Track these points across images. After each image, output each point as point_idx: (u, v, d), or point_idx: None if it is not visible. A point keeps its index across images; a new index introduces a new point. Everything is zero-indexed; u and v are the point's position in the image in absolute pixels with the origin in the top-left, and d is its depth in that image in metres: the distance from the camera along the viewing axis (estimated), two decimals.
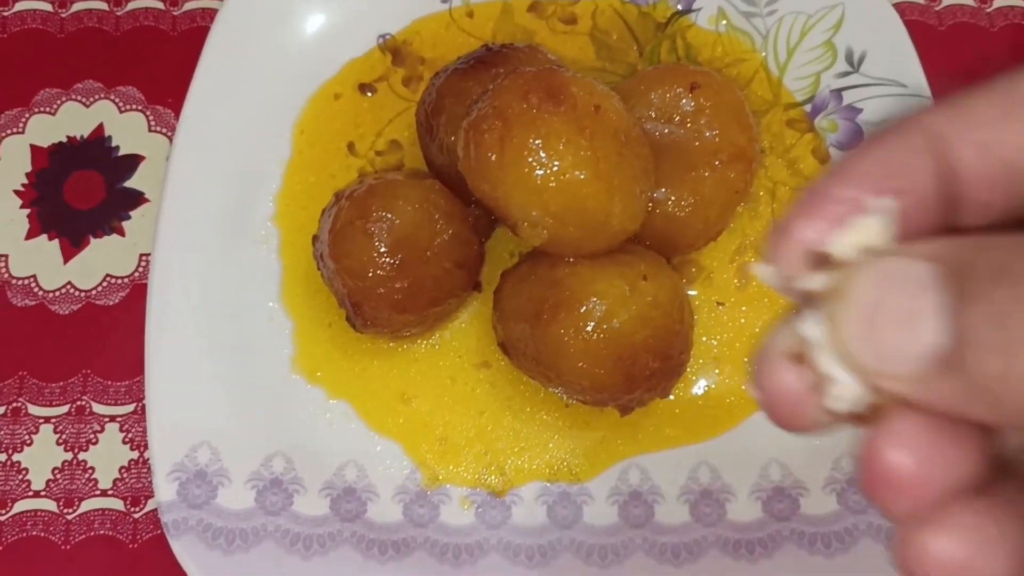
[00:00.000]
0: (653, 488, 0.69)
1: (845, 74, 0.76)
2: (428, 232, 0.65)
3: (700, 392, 0.71)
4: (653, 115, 0.68)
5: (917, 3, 0.84)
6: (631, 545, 0.68)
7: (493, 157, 0.60)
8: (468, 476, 0.70)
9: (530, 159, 0.59)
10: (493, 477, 0.70)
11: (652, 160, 0.63)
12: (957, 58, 0.82)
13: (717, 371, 0.72)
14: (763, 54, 0.78)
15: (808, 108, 0.77)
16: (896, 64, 0.75)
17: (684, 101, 0.68)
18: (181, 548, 0.64)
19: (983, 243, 0.25)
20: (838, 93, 0.76)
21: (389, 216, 0.65)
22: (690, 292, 0.73)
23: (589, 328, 0.62)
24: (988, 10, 0.83)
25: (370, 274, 0.65)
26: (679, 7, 0.79)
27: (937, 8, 0.84)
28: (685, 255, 0.72)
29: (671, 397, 0.70)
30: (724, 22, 0.79)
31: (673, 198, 0.67)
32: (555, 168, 0.59)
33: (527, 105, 0.60)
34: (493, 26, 0.80)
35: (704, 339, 0.72)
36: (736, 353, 0.72)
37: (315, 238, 0.69)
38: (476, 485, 0.70)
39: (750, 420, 0.71)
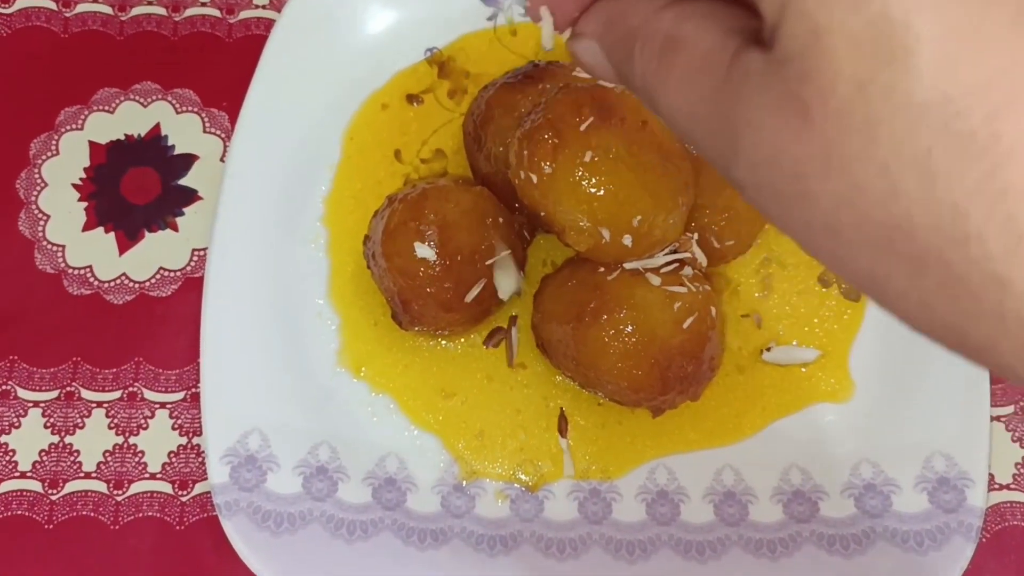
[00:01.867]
0: (679, 488, 0.73)
1: None
2: (477, 236, 0.69)
3: (726, 399, 0.75)
4: None
5: None
6: (658, 541, 0.71)
7: (546, 166, 0.63)
8: (503, 471, 0.73)
9: (581, 169, 0.63)
10: (527, 473, 0.73)
11: (692, 174, 0.67)
12: None
13: (741, 379, 0.75)
14: None
15: None
16: None
17: None
18: (233, 528, 0.67)
19: None
20: None
21: (441, 219, 0.68)
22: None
23: (629, 330, 0.65)
24: None
25: (420, 273, 0.68)
26: None
27: None
28: (715, 267, 0.76)
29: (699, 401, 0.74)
30: None
31: (708, 212, 0.71)
32: (604, 178, 0.62)
33: (579, 119, 0.63)
34: (536, 44, 0.84)
35: (730, 349, 0.75)
36: (759, 364, 0.75)
37: (367, 238, 0.72)
38: (510, 480, 0.73)
39: (773, 427, 0.74)
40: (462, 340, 0.75)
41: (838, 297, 0.77)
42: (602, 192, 0.63)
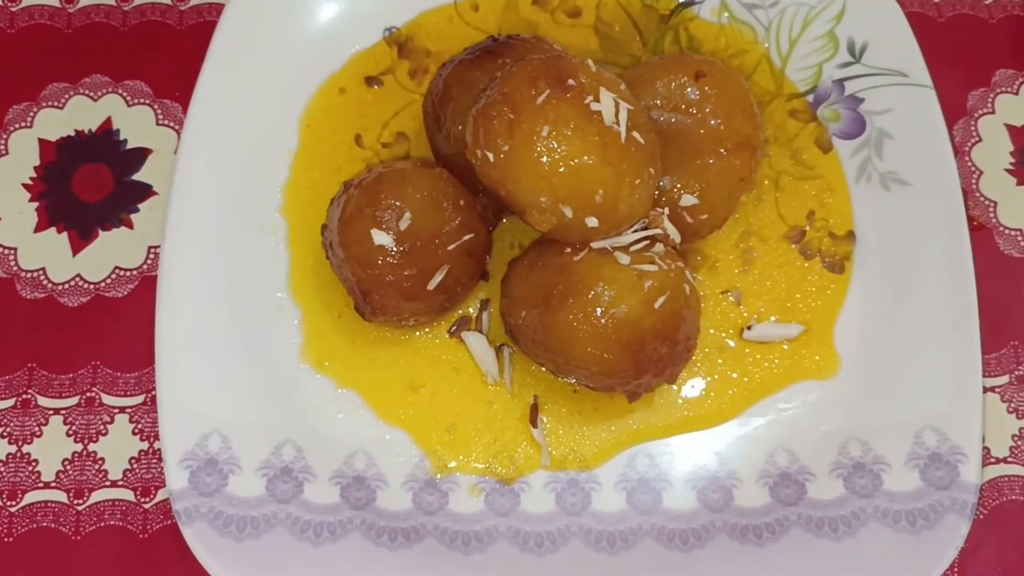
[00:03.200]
0: (660, 475, 0.70)
1: (847, 64, 0.77)
2: (437, 220, 0.66)
3: (706, 381, 0.72)
4: (659, 104, 0.69)
5: None
6: (639, 531, 0.68)
7: (502, 143, 0.60)
8: (477, 464, 0.70)
9: (539, 145, 0.59)
10: (502, 465, 0.70)
11: (659, 146, 0.64)
12: (957, 48, 0.83)
13: (721, 360, 0.72)
14: (766, 45, 0.79)
15: (811, 98, 0.78)
16: (897, 54, 0.75)
17: (689, 90, 0.69)
18: (193, 535, 0.64)
19: None
20: (840, 83, 0.77)
21: (398, 204, 0.65)
22: (696, 280, 0.73)
23: (597, 313, 0.62)
24: (987, 1, 0.84)
25: (379, 261, 0.65)
26: None
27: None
28: (690, 243, 0.72)
29: (677, 385, 0.71)
30: (726, 14, 0.80)
31: (679, 186, 0.68)
32: (563, 153, 0.59)
33: (535, 91, 0.60)
34: (498, 19, 0.81)
35: (710, 329, 0.72)
36: (740, 343, 0.72)
37: (324, 227, 0.69)
38: (485, 473, 0.70)
39: (756, 407, 0.71)
40: (427, 330, 0.72)
41: (821, 270, 0.74)
42: (562, 168, 0.59)
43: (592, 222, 0.61)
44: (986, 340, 0.70)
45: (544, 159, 0.60)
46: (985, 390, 0.70)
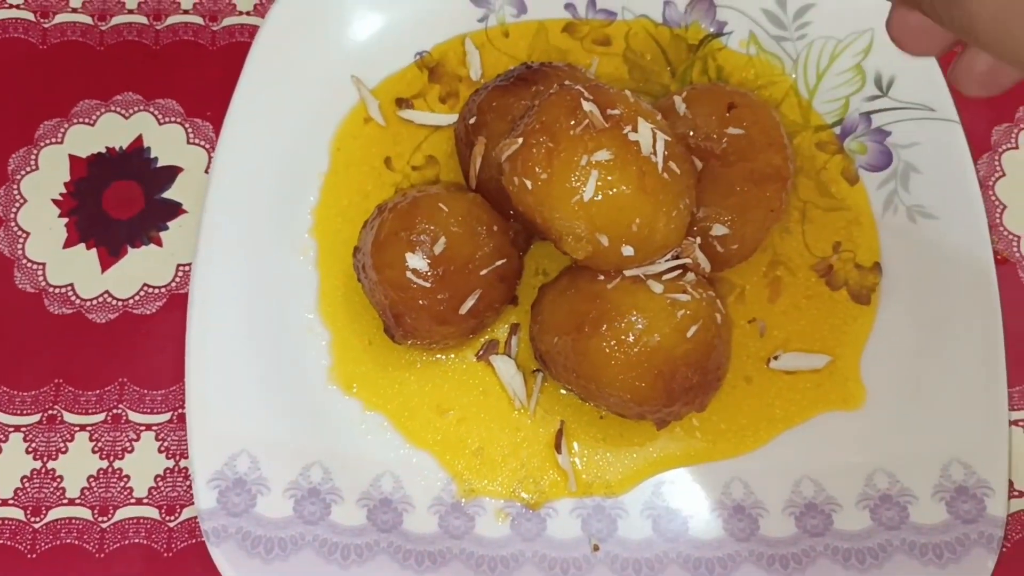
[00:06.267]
0: (687, 503, 0.70)
1: (874, 97, 0.78)
2: (471, 245, 0.66)
3: (734, 410, 0.72)
4: (691, 134, 0.69)
5: None
6: (665, 559, 0.68)
7: (540, 171, 0.61)
8: (503, 489, 0.70)
9: (578, 174, 0.60)
10: (528, 491, 0.70)
11: (695, 176, 0.64)
12: None
13: (746, 389, 0.72)
14: (793, 77, 0.80)
15: (838, 130, 0.78)
16: (925, 88, 0.76)
17: (721, 122, 0.70)
18: (221, 555, 0.64)
19: None
20: (867, 116, 0.78)
21: (432, 228, 0.66)
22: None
23: (631, 341, 0.63)
24: None
25: (413, 285, 0.65)
26: (711, 30, 0.81)
27: None
28: (719, 272, 0.73)
29: (703, 414, 0.71)
30: (754, 46, 0.80)
31: (710, 216, 0.68)
32: (601, 183, 0.60)
33: (574, 122, 0.61)
34: (528, 46, 0.81)
35: (736, 357, 0.73)
36: (766, 372, 0.73)
37: (356, 250, 0.70)
38: (511, 498, 0.70)
39: (782, 437, 0.71)
40: (452, 355, 0.73)
41: (847, 301, 0.74)
42: (599, 197, 0.60)
43: (628, 251, 0.62)
44: (1011, 373, 0.70)
45: (581, 188, 0.60)
46: (1011, 423, 0.71)
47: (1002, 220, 0.79)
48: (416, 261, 0.65)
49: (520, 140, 0.62)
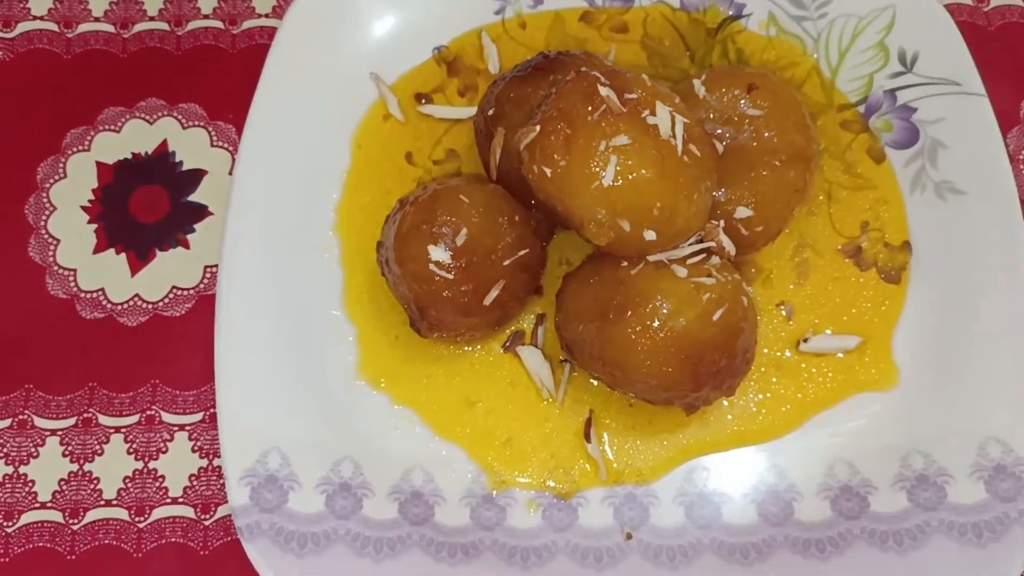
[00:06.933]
0: (719, 489, 0.69)
1: (898, 74, 0.76)
2: (493, 236, 0.66)
3: (762, 395, 0.71)
4: (712, 117, 0.69)
5: (966, 4, 0.84)
6: (699, 546, 0.68)
7: (559, 158, 0.61)
8: (534, 480, 0.70)
9: (597, 159, 0.60)
10: (558, 481, 0.70)
11: (715, 159, 0.64)
12: (1007, 57, 0.82)
13: (776, 373, 0.72)
14: (815, 57, 0.79)
15: (862, 109, 0.77)
16: (949, 63, 0.75)
17: (742, 103, 0.69)
18: (255, 551, 0.65)
19: None
20: (892, 93, 0.77)
21: (454, 220, 0.66)
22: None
23: (656, 326, 0.62)
24: None
25: (436, 278, 0.65)
26: (729, 12, 0.80)
27: (986, 9, 0.84)
28: (745, 255, 0.72)
29: (733, 399, 0.71)
30: (774, 28, 0.80)
31: (733, 198, 0.68)
32: (621, 168, 0.59)
33: (592, 108, 0.60)
34: (545, 36, 0.81)
35: (764, 345, 0.72)
36: (796, 355, 0.72)
37: (379, 245, 0.70)
38: (542, 488, 0.70)
39: (815, 420, 0.70)
40: (480, 347, 0.73)
41: (877, 281, 0.73)
42: (619, 182, 0.60)
43: (650, 235, 0.61)
44: None
45: (602, 174, 0.60)
46: None
47: None
48: (439, 253, 0.65)
49: (538, 128, 0.62)
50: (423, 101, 0.79)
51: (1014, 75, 0.82)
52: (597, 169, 0.60)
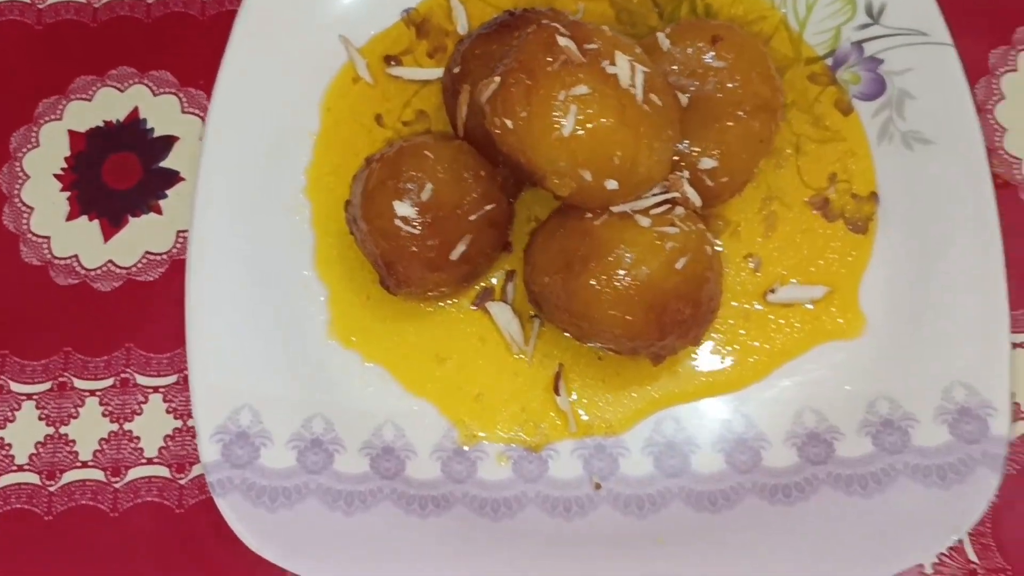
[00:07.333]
0: (688, 438, 0.70)
1: (865, 26, 0.76)
2: (458, 191, 0.67)
3: (729, 345, 0.72)
4: (676, 69, 0.69)
5: None
6: (668, 494, 0.68)
7: (520, 110, 0.61)
8: (504, 433, 0.71)
9: (557, 109, 0.60)
10: (529, 433, 0.71)
11: (678, 108, 0.64)
12: (976, 7, 0.82)
13: (744, 324, 0.72)
14: (783, 11, 0.79)
15: (829, 62, 0.77)
16: (916, 13, 0.75)
17: (707, 55, 0.69)
18: (227, 506, 0.65)
19: None
20: (859, 45, 0.77)
21: (419, 176, 0.66)
22: (717, 246, 0.73)
23: (620, 275, 0.63)
24: None
25: (402, 233, 0.66)
26: None
27: None
28: (711, 207, 0.72)
29: (700, 350, 0.71)
30: None
31: (698, 149, 0.68)
32: (581, 117, 0.60)
33: (551, 58, 0.61)
34: None
35: (732, 296, 0.72)
36: (764, 305, 0.72)
37: (347, 203, 0.70)
38: (512, 441, 0.71)
39: (782, 369, 0.71)
40: (451, 303, 0.73)
41: (844, 232, 0.74)
42: (579, 132, 0.60)
43: (611, 185, 0.62)
44: (1013, 296, 0.69)
45: (562, 123, 0.60)
46: (1013, 346, 0.70)
47: (1003, 143, 0.78)
48: (404, 208, 0.66)
49: (498, 80, 0.62)
50: (392, 63, 0.80)
51: (982, 25, 0.81)
52: (557, 119, 0.60)
